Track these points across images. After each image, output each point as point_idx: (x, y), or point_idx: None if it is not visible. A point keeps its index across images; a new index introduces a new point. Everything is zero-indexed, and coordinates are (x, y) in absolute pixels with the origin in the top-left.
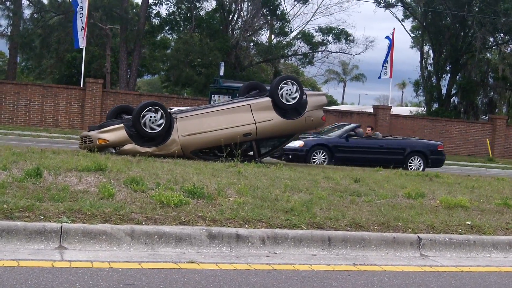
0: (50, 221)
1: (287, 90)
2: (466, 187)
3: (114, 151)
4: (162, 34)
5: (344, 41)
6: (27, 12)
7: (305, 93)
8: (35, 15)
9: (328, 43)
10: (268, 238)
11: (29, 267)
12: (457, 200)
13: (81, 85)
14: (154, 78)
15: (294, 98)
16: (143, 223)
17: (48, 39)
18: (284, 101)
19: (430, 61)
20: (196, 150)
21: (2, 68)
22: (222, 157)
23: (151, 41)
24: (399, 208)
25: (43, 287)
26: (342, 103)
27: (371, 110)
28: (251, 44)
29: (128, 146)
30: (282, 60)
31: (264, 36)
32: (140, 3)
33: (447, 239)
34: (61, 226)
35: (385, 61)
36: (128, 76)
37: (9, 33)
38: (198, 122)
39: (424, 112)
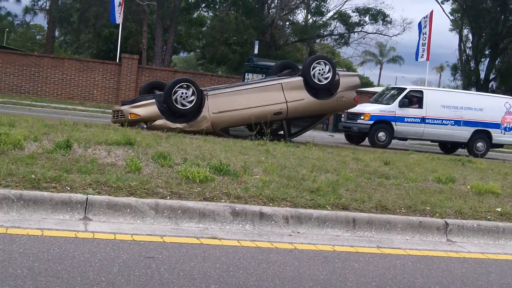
0: (76, 193)
1: (319, 70)
2: (499, 173)
3: (145, 126)
4: (198, 12)
5: (381, 22)
6: None
7: (338, 74)
8: None
9: (365, 24)
10: (292, 217)
11: (53, 237)
12: (488, 186)
13: (117, 61)
14: (190, 55)
15: (326, 78)
16: (168, 197)
17: (86, 14)
18: (316, 81)
19: (469, 44)
20: (227, 127)
21: (41, 42)
22: (251, 135)
23: (187, 18)
24: (428, 192)
25: (65, 256)
26: (378, 85)
27: None
28: (287, 23)
29: (159, 122)
30: (318, 40)
31: (300, 16)
32: None
33: (475, 225)
34: (87, 198)
35: (422, 43)
36: (164, 52)
37: (47, 7)
38: (229, 100)
39: None
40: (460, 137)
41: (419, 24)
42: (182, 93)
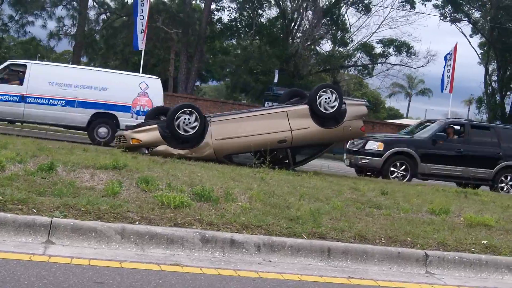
0: (42, 215)
1: (325, 98)
2: (501, 206)
3: (147, 152)
4: (223, 40)
5: (405, 53)
6: (91, 13)
7: (345, 102)
8: (101, 16)
9: (389, 55)
10: (264, 245)
11: (6, 259)
12: (482, 218)
13: None
14: (221, 84)
15: (332, 107)
16: (137, 222)
17: (112, 40)
18: (322, 109)
19: (495, 77)
20: (230, 154)
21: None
22: (253, 163)
23: (211, 46)
24: (416, 223)
25: (10, 279)
26: (407, 117)
27: None
28: (311, 53)
29: (161, 147)
30: (343, 71)
31: (326, 46)
32: (203, 8)
33: (456, 257)
34: (51, 221)
35: (446, 75)
36: (187, 80)
37: (71, 33)
38: (232, 127)
39: None
40: (74, 121)
41: (445, 57)
42: (185, 118)
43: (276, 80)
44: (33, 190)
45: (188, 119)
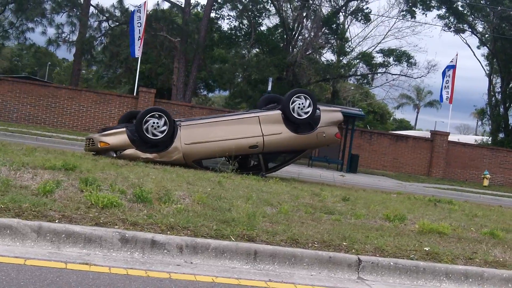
0: None
1: (299, 104)
2: (468, 215)
3: (115, 155)
4: (221, 48)
5: (405, 63)
6: (91, 20)
7: (319, 108)
8: (102, 24)
9: (389, 65)
10: (187, 246)
11: None
12: (436, 226)
13: (134, 94)
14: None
15: (306, 113)
16: (57, 221)
17: (115, 48)
18: (295, 115)
19: (498, 89)
20: (199, 159)
21: (85, 76)
22: (218, 168)
23: (210, 55)
24: (363, 228)
25: None
26: (415, 129)
27: (428, 135)
28: (310, 62)
29: (129, 151)
30: (344, 80)
31: (327, 55)
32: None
33: (391, 263)
34: None
35: (446, 86)
36: (185, 88)
37: (70, 40)
38: (203, 131)
39: (489, 142)
40: None
41: (447, 67)
42: (154, 122)
43: (269, 88)
44: None
45: (157, 123)
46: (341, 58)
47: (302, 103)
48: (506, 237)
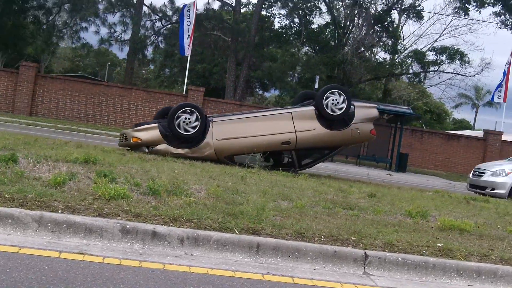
0: None
1: (333, 100)
2: (499, 213)
3: (147, 151)
4: (272, 47)
5: (458, 61)
6: (144, 19)
7: (353, 104)
8: (156, 24)
9: (442, 63)
10: (188, 238)
11: None
12: (458, 222)
13: (184, 92)
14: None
15: (340, 109)
16: (59, 211)
17: (165, 47)
18: (329, 111)
19: None
20: (231, 155)
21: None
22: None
23: (261, 53)
24: (379, 224)
25: None
26: (474, 129)
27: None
28: (361, 60)
29: (160, 146)
30: (396, 79)
31: (381, 53)
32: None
33: (399, 258)
34: None
35: (499, 84)
36: (236, 86)
37: (122, 39)
38: (234, 127)
39: None
40: None
41: (504, 69)
42: (186, 118)
43: (316, 86)
44: None
45: (189, 118)
46: (393, 56)
47: (336, 99)
48: None
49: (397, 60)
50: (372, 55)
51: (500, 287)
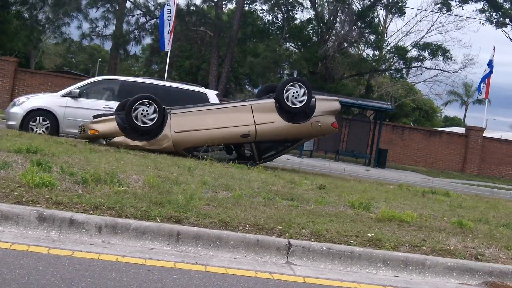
0: None
1: (293, 92)
2: (452, 206)
3: (104, 143)
4: (254, 42)
5: (441, 57)
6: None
7: (314, 97)
8: (140, 18)
9: (424, 59)
10: (106, 226)
11: None
12: (398, 213)
13: None
14: None
15: (301, 102)
16: None
17: (155, 44)
18: (289, 103)
19: None
20: (189, 147)
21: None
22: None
23: (242, 49)
24: (315, 215)
25: None
26: (464, 126)
27: (463, 131)
28: (343, 56)
29: (118, 139)
30: (378, 75)
31: (365, 49)
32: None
33: (324, 248)
34: None
35: (482, 80)
36: (218, 81)
37: (103, 34)
38: (193, 119)
39: None
40: None
41: (488, 62)
42: (143, 110)
43: None
44: None
45: (147, 110)
46: (376, 52)
47: (297, 92)
48: (474, 227)
49: (378, 56)
50: (356, 51)
51: (428, 277)
